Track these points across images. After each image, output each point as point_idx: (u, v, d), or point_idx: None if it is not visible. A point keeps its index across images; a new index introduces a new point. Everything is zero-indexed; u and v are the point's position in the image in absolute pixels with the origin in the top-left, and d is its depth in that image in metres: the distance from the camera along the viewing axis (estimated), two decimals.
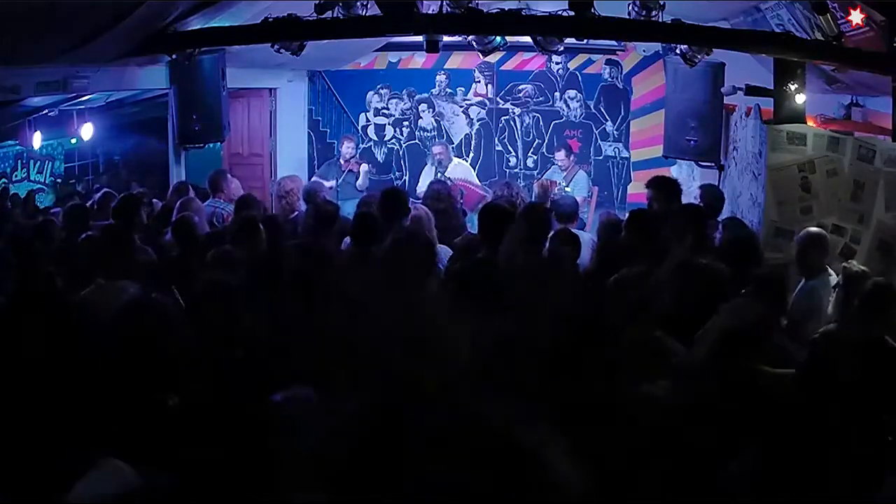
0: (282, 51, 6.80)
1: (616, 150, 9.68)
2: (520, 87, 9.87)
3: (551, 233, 5.01)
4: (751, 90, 6.73)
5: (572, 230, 5.33)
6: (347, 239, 5.22)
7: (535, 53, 8.95)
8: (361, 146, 9.97)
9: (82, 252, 4.67)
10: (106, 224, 5.38)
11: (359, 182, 9.31)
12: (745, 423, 2.62)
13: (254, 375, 2.77)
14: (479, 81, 9.94)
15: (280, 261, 4.20)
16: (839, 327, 3.73)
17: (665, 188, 5.87)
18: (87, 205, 6.84)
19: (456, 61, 9.80)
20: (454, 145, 9.83)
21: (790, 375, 2.87)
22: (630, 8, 6.01)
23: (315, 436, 2.14)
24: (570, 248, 4.76)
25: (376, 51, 9.63)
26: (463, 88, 9.98)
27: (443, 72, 9.91)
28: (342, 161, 9.41)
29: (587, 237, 6.04)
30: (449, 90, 9.99)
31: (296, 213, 6.79)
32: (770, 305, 3.83)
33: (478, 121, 9.99)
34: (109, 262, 4.19)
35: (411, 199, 6.16)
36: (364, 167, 9.47)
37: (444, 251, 5.37)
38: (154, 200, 7.02)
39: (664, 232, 4.69)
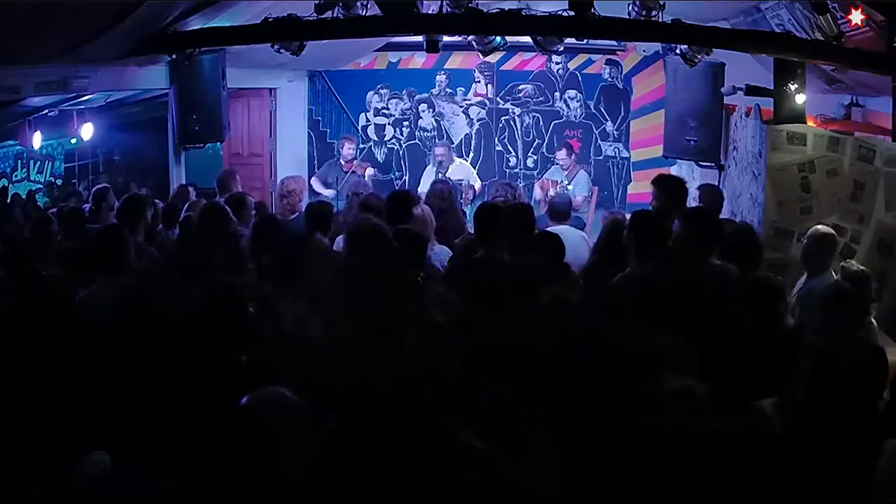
0: (282, 51, 6.80)
1: (616, 150, 9.70)
2: (520, 87, 9.88)
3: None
4: (751, 90, 6.72)
5: (551, 231, 5.25)
6: (340, 239, 5.16)
7: (535, 53, 8.96)
8: (362, 146, 9.97)
9: (81, 252, 4.67)
10: (106, 224, 5.38)
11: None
12: None
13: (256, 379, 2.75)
14: (479, 81, 9.94)
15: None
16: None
17: (669, 187, 5.80)
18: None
19: (456, 61, 9.81)
20: (454, 145, 9.83)
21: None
22: (630, 8, 6.01)
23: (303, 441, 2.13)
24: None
25: (376, 51, 9.63)
26: (463, 88, 9.99)
27: (443, 72, 9.91)
28: (343, 162, 9.39)
29: (578, 235, 6.02)
30: (449, 90, 9.99)
31: (297, 213, 6.78)
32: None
33: (478, 121, 10.00)
34: (109, 261, 4.19)
35: None
36: (370, 171, 9.46)
37: (444, 251, 5.35)
38: (156, 201, 7.00)
39: (662, 229, 4.65)
